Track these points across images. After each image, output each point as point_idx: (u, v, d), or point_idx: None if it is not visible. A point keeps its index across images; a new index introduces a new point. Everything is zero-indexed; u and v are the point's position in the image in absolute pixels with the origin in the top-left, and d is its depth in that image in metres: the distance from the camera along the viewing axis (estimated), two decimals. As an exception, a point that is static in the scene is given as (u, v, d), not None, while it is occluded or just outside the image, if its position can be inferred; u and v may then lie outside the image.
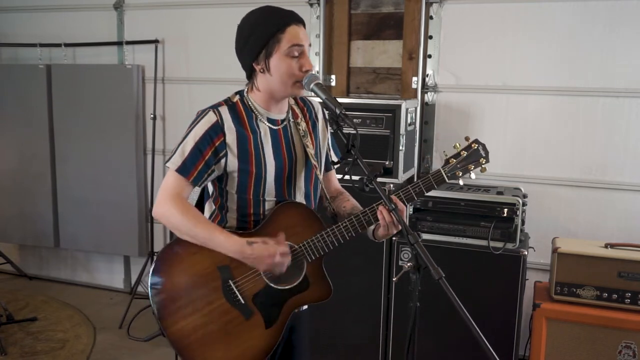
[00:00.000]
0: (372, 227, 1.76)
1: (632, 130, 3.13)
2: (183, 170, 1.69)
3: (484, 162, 1.77)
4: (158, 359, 3.47)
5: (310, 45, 1.76)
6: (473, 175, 1.77)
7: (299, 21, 1.71)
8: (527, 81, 3.29)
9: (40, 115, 4.31)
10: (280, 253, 1.67)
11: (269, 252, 1.66)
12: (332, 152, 1.98)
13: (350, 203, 1.89)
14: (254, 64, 1.71)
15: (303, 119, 1.85)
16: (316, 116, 1.91)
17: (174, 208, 1.69)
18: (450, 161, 1.76)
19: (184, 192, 1.71)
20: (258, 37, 1.67)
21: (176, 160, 1.70)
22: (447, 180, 1.74)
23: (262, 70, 1.70)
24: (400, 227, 1.65)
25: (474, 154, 1.76)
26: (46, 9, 4.39)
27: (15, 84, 4.36)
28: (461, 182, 1.78)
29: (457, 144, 1.78)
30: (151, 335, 3.58)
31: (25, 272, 4.75)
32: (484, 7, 3.33)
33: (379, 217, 1.68)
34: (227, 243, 1.68)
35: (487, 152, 1.78)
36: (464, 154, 1.76)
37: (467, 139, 1.79)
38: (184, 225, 1.69)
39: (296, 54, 1.67)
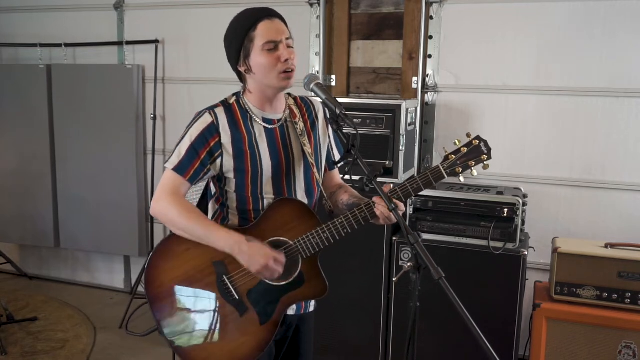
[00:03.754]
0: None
1: (631, 130, 3.13)
2: (180, 169, 1.72)
3: (485, 158, 1.71)
4: (158, 359, 3.47)
5: (288, 38, 1.72)
6: (475, 172, 1.72)
7: (272, 15, 1.71)
8: (527, 81, 3.28)
9: (40, 115, 4.31)
10: (274, 258, 1.67)
11: (265, 253, 1.67)
12: (334, 151, 1.96)
13: (347, 194, 1.88)
14: (239, 68, 1.75)
15: (301, 119, 1.86)
16: (316, 115, 1.91)
17: (171, 204, 1.71)
18: (450, 157, 1.71)
19: (181, 190, 1.74)
20: (236, 41, 1.71)
21: (173, 160, 1.73)
22: (445, 177, 1.70)
23: (247, 72, 1.74)
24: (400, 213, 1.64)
25: (475, 151, 1.71)
26: (46, 9, 4.39)
27: (15, 84, 4.36)
28: (462, 179, 1.72)
29: (458, 140, 1.74)
30: (148, 330, 3.60)
31: (26, 272, 4.75)
32: (483, 7, 3.33)
33: (378, 213, 1.67)
34: (226, 236, 1.69)
35: (489, 149, 1.73)
36: (464, 150, 1.71)
37: (468, 135, 1.74)
38: (181, 221, 1.71)
39: (272, 47, 1.68)
